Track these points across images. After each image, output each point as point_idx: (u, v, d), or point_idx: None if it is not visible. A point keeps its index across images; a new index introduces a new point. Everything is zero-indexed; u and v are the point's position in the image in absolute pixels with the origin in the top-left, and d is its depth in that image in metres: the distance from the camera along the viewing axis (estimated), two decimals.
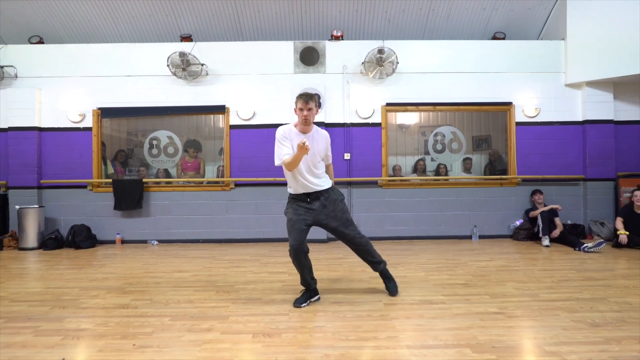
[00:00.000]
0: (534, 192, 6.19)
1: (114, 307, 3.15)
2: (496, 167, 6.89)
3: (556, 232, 5.73)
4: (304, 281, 3.20)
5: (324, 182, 3.20)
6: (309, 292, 3.23)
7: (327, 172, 3.34)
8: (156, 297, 3.41)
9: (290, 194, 3.23)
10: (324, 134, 3.27)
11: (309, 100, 3.03)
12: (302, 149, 2.77)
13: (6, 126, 6.24)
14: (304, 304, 3.13)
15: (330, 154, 3.40)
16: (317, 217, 3.15)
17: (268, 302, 3.25)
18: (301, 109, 3.05)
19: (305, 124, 3.09)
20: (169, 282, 3.94)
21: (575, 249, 5.31)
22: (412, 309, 3.01)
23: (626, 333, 2.50)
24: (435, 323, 2.72)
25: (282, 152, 3.05)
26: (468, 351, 2.27)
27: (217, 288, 3.68)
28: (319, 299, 3.27)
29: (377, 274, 3.58)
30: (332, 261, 4.81)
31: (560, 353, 2.23)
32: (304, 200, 3.16)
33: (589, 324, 2.65)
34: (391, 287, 3.40)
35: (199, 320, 2.84)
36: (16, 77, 6.30)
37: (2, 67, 6.18)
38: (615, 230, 5.48)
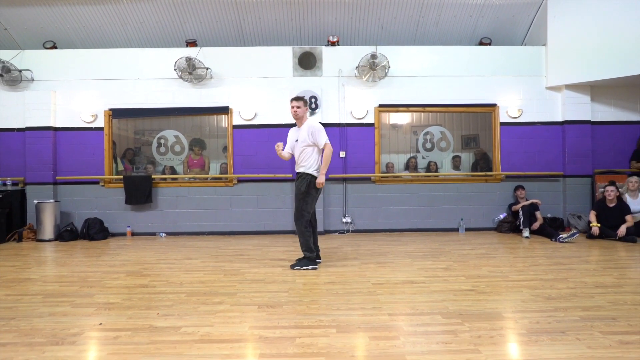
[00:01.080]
0: (516, 188, 6.65)
1: (135, 287, 3.60)
2: (481, 164, 7.34)
3: (536, 225, 6.19)
4: (308, 249, 4.20)
5: (302, 169, 4.21)
6: (309, 258, 4.19)
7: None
8: (171, 279, 3.85)
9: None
10: (307, 124, 4.21)
11: (297, 101, 4.22)
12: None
13: (24, 126, 6.67)
14: (307, 267, 4.14)
15: (317, 139, 4.14)
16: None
17: (270, 282, 3.70)
18: (292, 107, 4.22)
19: (295, 118, 4.26)
20: (181, 267, 4.39)
21: (551, 240, 5.77)
22: (396, 287, 3.47)
23: (574, 304, 2.95)
24: (415, 297, 3.17)
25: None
26: (439, 317, 2.73)
27: (224, 272, 4.13)
28: (315, 267, 4.18)
29: (370, 263, 4.19)
30: (328, 251, 5.25)
31: (515, 318, 2.69)
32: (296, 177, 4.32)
33: (545, 298, 3.11)
34: (296, 261, 4.26)
35: (211, 296, 3.29)
36: (33, 80, 6.73)
37: (20, 71, 6.61)
38: (589, 222, 5.94)
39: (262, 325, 2.63)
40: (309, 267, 4.14)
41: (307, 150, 4.15)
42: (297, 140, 4.23)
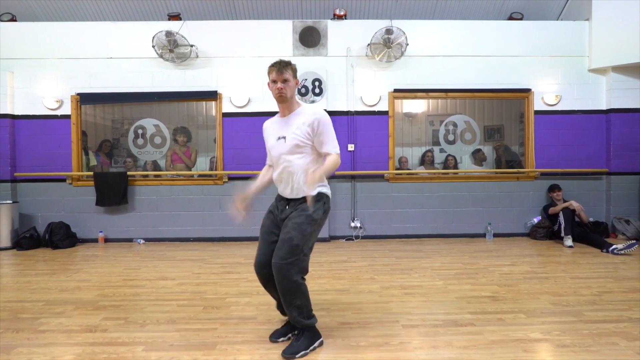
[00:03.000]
0: (551, 188, 5.69)
1: (78, 330, 2.63)
2: (504, 161, 6.38)
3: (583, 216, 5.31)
4: (280, 308, 2.52)
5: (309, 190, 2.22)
6: (313, 331, 2.37)
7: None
8: (132, 315, 2.89)
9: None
10: (308, 112, 2.35)
11: (283, 70, 2.27)
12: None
13: None
14: (282, 339, 2.42)
15: (325, 140, 2.34)
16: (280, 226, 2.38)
17: (264, 322, 2.74)
18: (274, 81, 2.29)
19: (280, 101, 2.33)
20: (150, 293, 3.42)
21: (602, 251, 4.82)
22: (437, 334, 2.51)
23: None
24: (469, 355, 2.22)
25: None
26: None
27: (205, 302, 3.16)
28: (321, 343, 2.38)
29: (392, 289, 3.03)
30: (336, 265, 4.30)
31: None
32: (283, 205, 2.43)
33: None
34: (292, 343, 2.31)
35: (179, 350, 2.32)
36: None
37: None
38: None
39: None
40: (317, 343, 2.35)
41: (299, 154, 2.31)
42: (282, 138, 2.34)
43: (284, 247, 2.20)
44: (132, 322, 2.76)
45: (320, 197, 2.32)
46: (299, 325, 2.32)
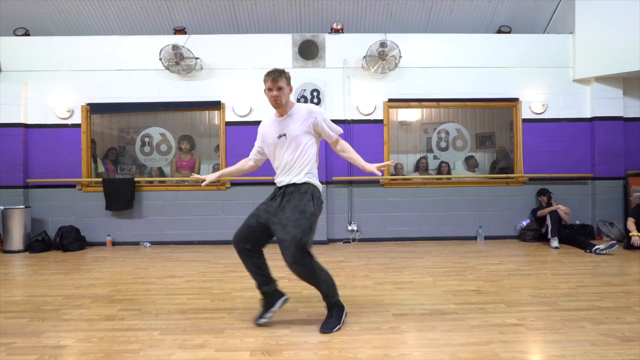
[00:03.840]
0: (540, 192, 5.97)
1: (98, 319, 2.89)
2: (502, 165, 6.66)
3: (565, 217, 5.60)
4: (257, 286, 2.75)
5: (297, 178, 2.62)
6: (268, 299, 2.73)
7: (341, 151, 2.81)
8: (146, 307, 3.15)
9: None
10: (301, 111, 2.67)
11: (278, 78, 2.57)
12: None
13: None
14: (263, 320, 2.70)
15: (328, 131, 2.72)
16: (270, 219, 2.62)
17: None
18: (270, 89, 2.60)
19: (276, 107, 2.65)
20: (161, 289, 3.68)
21: (586, 251, 5.10)
22: (424, 320, 2.78)
23: None
24: (451, 338, 2.48)
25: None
26: None
27: (212, 296, 3.43)
28: (286, 300, 2.78)
29: (385, 284, 3.32)
30: (333, 265, 4.57)
31: None
32: (274, 193, 2.73)
33: (620, 338, 2.43)
34: (327, 321, 2.65)
35: (191, 334, 2.58)
36: (0, 71, 6.00)
37: None
38: (627, 231, 5.27)
39: None
40: (344, 315, 2.71)
41: (305, 146, 2.63)
42: (283, 136, 2.64)
43: (291, 248, 2.47)
44: (147, 312, 3.02)
45: (307, 187, 2.62)
46: (328, 300, 2.67)
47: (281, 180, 2.69)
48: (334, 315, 2.65)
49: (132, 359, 2.24)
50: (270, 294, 2.74)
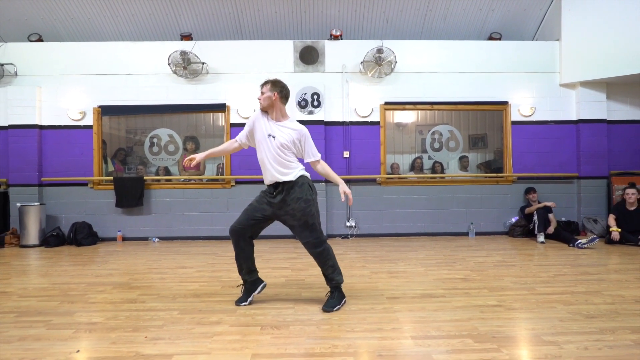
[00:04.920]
0: (528, 191, 6.31)
1: (122, 302, 3.21)
2: (491, 165, 7.00)
3: (551, 229, 5.85)
4: (240, 270, 3.10)
5: (291, 176, 2.95)
6: (249, 286, 3.11)
7: (318, 170, 3.09)
8: (163, 292, 3.47)
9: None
10: (295, 127, 3.01)
11: (262, 85, 3.04)
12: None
13: (6, 124, 6.25)
14: (244, 303, 3.05)
15: (310, 150, 3.03)
16: (276, 212, 2.99)
17: (273, 296, 3.32)
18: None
19: (260, 107, 3.04)
20: (174, 277, 4.00)
21: (569, 245, 5.44)
22: (414, 302, 3.11)
23: (620, 324, 2.60)
24: (437, 315, 2.81)
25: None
26: (470, 341, 2.37)
27: (222, 283, 3.75)
28: (264, 286, 3.19)
29: (380, 273, 3.64)
30: None
31: (558, 342, 2.33)
32: (271, 192, 3.02)
33: (584, 316, 2.76)
34: (329, 300, 3.00)
35: (207, 313, 2.91)
36: (16, 75, 6.31)
37: (2, 65, 6.19)
38: (608, 227, 5.61)
39: (267, 352, 2.26)
40: (344, 300, 3.06)
41: (287, 155, 2.96)
42: (273, 137, 2.95)
43: (306, 230, 2.96)
44: (164, 297, 3.34)
45: (301, 182, 2.96)
46: (332, 284, 3.03)
47: (273, 177, 2.97)
48: (335, 297, 3.01)
49: (157, 332, 2.56)
50: (252, 282, 3.14)
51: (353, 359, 2.16)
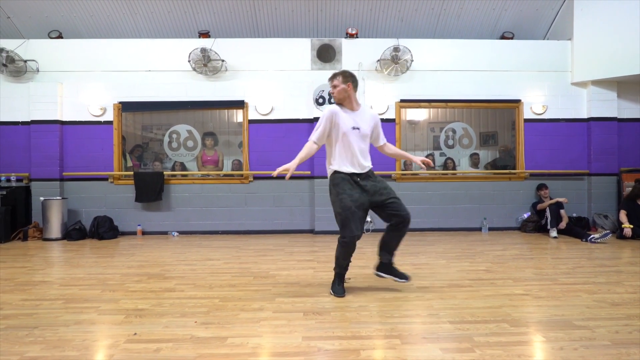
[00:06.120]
0: (539, 187, 6.44)
1: (161, 291, 3.33)
2: (497, 163, 7.11)
3: (563, 224, 5.99)
4: (342, 267, 3.21)
5: (370, 162, 3.21)
6: (341, 277, 3.24)
7: (387, 152, 3.44)
8: (198, 282, 3.59)
9: (338, 173, 3.10)
10: (372, 113, 3.32)
11: (332, 78, 3.19)
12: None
13: (29, 119, 6.35)
14: (345, 293, 3.15)
15: (382, 133, 3.38)
16: (371, 199, 3.08)
17: (306, 286, 3.45)
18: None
19: (336, 100, 3.19)
20: (204, 268, 4.13)
21: (582, 240, 5.57)
22: (444, 291, 3.24)
23: None
24: (469, 303, 2.94)
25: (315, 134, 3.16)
26: (506, 326, 2.49)
27: (253, 274, 3.88)
28: (349, 279, 3.50)
29: (405, 265, 3.77)
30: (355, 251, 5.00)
31: (590, 327, 2.46)
32: (355, 180, 3.08)
33: (610, 303, 2.89)
34: (398, 274, 3.27)
35: (248, 301, 3.03)
36: (38, 71, 6.41)
37: (25, 61, 6.29)
38: (620, 223, 5.74)
39: (316, 335, 2.38)
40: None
41: (367, 145, 3.20)
42: (358, 129, 3.10)
43: (403, 204, 3.17)
44: (201, 286, 3.46)
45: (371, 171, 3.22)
46: (394, 258, 3.32)
47: (362, 166, 3.13)
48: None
49: (204, 317, 2.69)
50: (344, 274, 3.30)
51: (399, 342, 2.28)
